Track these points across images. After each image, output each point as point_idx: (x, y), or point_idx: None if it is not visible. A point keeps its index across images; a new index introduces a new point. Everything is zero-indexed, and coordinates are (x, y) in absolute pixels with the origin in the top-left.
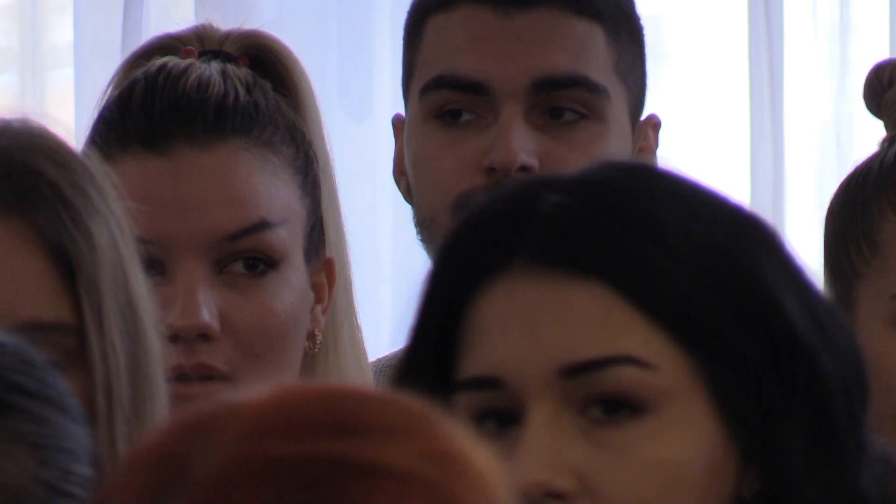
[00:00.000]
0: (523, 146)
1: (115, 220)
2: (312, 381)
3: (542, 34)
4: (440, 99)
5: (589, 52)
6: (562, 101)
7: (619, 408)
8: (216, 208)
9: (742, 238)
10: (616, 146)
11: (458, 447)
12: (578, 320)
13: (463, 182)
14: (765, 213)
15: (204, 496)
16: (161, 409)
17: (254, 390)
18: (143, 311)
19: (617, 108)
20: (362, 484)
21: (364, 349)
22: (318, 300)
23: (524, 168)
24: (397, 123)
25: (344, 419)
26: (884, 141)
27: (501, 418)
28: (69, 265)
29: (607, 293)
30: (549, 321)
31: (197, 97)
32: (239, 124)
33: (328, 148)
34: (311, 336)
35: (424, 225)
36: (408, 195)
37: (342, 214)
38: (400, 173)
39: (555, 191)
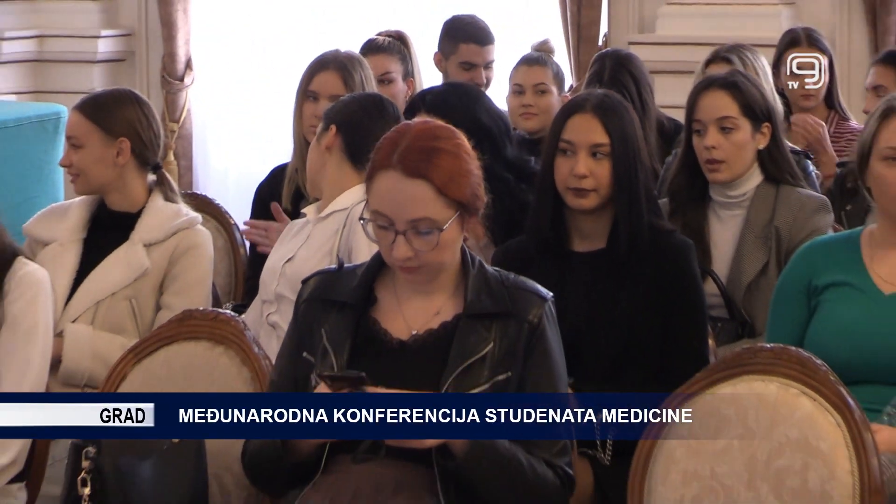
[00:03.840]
0: None
1: (367, 83)
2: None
3: None
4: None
5: None
6: None
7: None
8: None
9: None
10: None
11: (460, 138)
12: None
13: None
14: None
15: (404, 154)
16: None
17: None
18: None
19: None
20: (442, 154)
21: None
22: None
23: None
24: (438, 55)
25: (437, 133)
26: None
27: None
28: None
29: None
30: None
31: (385, 45)
32: (395, 51)
33: (417, 60)
34: None
35: None
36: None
37: (422, 80)
38: (438, 63)
39: None
